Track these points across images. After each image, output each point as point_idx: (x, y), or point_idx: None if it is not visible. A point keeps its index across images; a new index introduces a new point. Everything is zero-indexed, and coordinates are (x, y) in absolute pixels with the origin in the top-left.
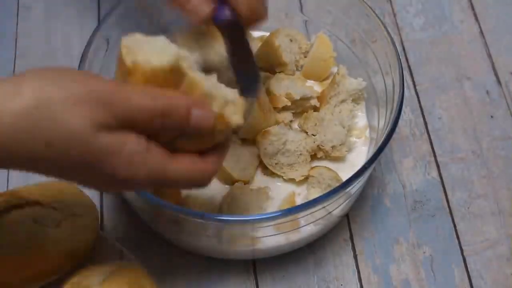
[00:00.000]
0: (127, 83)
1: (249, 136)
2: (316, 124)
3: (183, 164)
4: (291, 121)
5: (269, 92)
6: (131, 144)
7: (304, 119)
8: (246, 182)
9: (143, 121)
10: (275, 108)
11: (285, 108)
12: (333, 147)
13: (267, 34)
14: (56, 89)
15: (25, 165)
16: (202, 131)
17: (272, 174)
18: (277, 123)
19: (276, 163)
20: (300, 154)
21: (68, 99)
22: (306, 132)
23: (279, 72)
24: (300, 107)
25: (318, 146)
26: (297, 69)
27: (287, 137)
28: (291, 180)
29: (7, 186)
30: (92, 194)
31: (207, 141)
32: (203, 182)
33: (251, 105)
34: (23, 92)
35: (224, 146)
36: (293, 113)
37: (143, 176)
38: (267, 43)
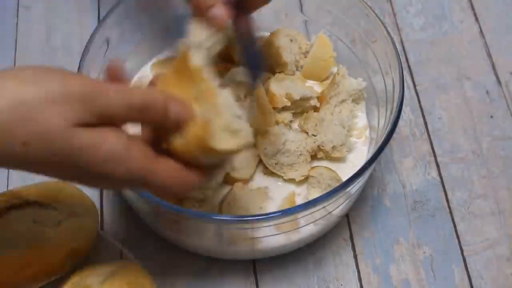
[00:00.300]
0: (104, 81)
1: None
2: (316, 124)
3: (165, 168)
4: (291, 121)
5: (269, 92)
6: (111, 141)
7: (304, 120)
8: (246, 182)
9: (121, 116)
10: (275, 108)
11: (285, 108)
12: (333, 147)
13: (267, 34)
14: (33, 88)
15: (1, 161)
16: (181, 125)
17: (272, 174)
18: (277, 123)
19: (276, 163)
20: (300, 154)
21: (45, 98)
22: (307, 133)
23: (279, 72)
24: (300, 107)
25: (318, 146)
26: (297, 69)
27: (287, 137)
28: (291, 180)
29: (7, 186)
30: (92, 194)
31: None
32: (182, 190)
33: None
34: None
35: (216, 167)
36: (293, 113)
37: (121, 174)
38: (267, 43)
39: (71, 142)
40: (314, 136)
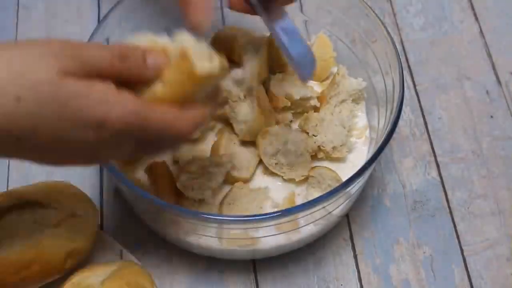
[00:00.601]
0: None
1: (250, 138)
2: (316, 124)
3: (164, 111)
4: (291, 121)
5: (269, 92)
6: (100, 88)
7: (305, 120)
8: (246, 182)
9: (105, 66)
10: (275, 108)
11: (285, 109)
12: (333, 147)
13: (268, 34)
14: (19, 50)
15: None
16: (160, 70)
17: (272, 174)
18: (277, 123)
19: (276, 163)
20: (300, 154)
21: (33, 53)
22: (307, 133)
23: (279, 72)
24: (300, 107)
25: (318, 146)
26: None
27: (287, 137)
28: (291, 180)
29: (7, 186)
30: (92, 194)
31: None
32: (186, 131)
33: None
34: None
35: (208, 101)
36: (293, 113)
37: (115, 119)
38: (267, 43)
39: (61, 90)
40: (315, 136)
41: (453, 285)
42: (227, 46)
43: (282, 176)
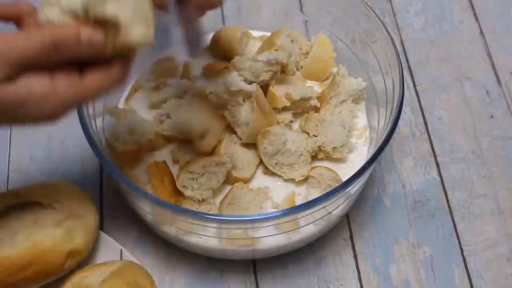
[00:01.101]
0: (13, 31)
1: (253, 140)
2: (317, 125)
3: (95, 80)
4: (291, 121)
5: (269, 93)
6: (36, 89)
7: (305, 120)
8: (246, 181)
9: (38, 58)
10: (275, 108)
11: (285, 109)
12: (334, 148)
13: (268, 34)
14: None
15: None
16: (95, 49)
17: (272, 174)
18: (277, 123)
19: (276, 163)
20: (301, 154)
21: None
22: (307, 133)
23: (280, 73)
24: (300, 108)
25: (319, 147)
26: (297, 70)
27: (287, 137)
28: (291, 180)
29: (7, 186)
30: (92, 194)
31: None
32: (117, 81)
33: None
34: None
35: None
36: (293, 113)
37: (60, 108)
38: (268, 43)
39: (4, 100)
40: (315, 136)
41: (453, 285)
42: (227, 46)
43: (282, 176)
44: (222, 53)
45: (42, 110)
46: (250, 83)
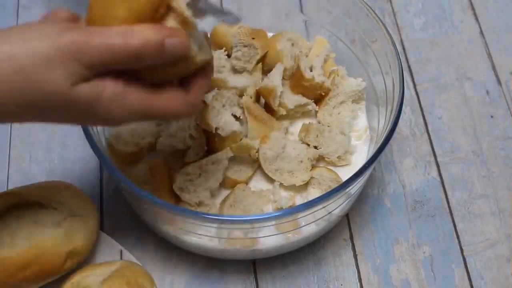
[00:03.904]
0: (95, 28)
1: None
2: (317, 135)
3: (167, 99)
4: (287, 127)
5: (265, 104)
6: (108, 90)
7: (305, 132)
8: (244, 183)
9: (117, 63)
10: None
11: (282, 117)
12: (338, 157)
13: (268, 34)
14: (25, 50)
15: (13, 118)
16: (179, 58)
17: (272, 180)
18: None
19: (276, 170)
20: (301, 161)
21: (40, 62)
22: (308, 145)
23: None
24: (298, 113)
25: (323, 157)
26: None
27: (287, 142)
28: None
29: (7, 186)
30: (92, 194)
31: (184, 67)
32: (189, 112)
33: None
34: None
35: (206, 70)
36: (290, 121)
37: (124, 117)
38: (268, 44)
39: (74, 99)
40: (316, 148)
41: (453, 285)
42: (224, 40)
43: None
44: (219, 48)
45: (108, 115)
46: (241, 95)
